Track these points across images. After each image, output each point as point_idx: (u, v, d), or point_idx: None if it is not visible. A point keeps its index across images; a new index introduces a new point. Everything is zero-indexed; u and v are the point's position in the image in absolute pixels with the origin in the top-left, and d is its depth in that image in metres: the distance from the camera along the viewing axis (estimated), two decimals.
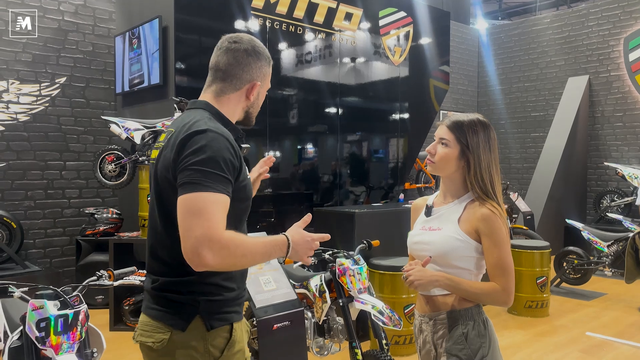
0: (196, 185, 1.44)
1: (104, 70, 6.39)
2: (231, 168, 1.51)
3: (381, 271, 4.40)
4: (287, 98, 6.30)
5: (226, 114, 1.69)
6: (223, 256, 1.42)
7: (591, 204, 9.49)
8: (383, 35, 7.11)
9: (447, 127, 1.91)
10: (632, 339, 4.76)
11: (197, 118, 1.58)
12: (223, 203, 1.46)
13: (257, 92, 1.74)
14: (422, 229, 1.96)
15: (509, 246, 1.83)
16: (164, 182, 1.57)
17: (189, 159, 1.47)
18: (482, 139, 1.87)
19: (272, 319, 3.33)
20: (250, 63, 1.69)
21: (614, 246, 6.07)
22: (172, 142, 1.55)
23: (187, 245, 1.41)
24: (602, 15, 9.52)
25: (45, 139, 5.99)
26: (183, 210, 1.44)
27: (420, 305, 1.98)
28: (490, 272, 1.83)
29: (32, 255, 5.90)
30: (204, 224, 1.40)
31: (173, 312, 1.57)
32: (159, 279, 1.60)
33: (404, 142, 7.62)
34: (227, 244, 1.42)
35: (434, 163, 1.91)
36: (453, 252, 1.83)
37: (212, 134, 1.50)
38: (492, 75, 11.19)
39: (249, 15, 5.65)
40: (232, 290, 1.64)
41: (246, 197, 1.64)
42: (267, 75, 1.77)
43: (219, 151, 1.48)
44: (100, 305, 5.42)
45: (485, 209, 1.82)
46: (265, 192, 6.13)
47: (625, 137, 9.28)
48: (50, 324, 2.22)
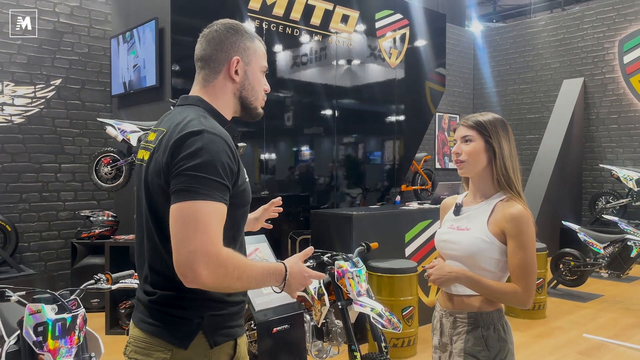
0: (191, 193, 1.30)
1: (100, 72, 6.36)
2: (229, 173, 1.38)
3: (379, 273, 4.39)
4: (284, 100, 6.29)
5: (219, 107, 1.55)
6: (219, 275, 1.30)
7: (587, 206, 9.52)
8: (379, 37, 7.12)
9: (466, 126, 1.93)
10: (629, 340, 4.77)
11: (191, 117, 1.43)
12: (221, 213, 1.34)
13: (242, 69, 1.56)
14: (451, 227, 1.98)
15: (535, 248, 1.83)
16: (155, 188, 1.42)
17: (184, 163, 1.33)
18: (501, 131, 1.91)
19: (271, 322, 3.32)
20: (223, 40, 1.54)
21: (610, 248, 6.09)
22: (165, 144, 1.40)
23: (180, 259, 1.29)
24: (596, 17, 9.57)
25: (40, 141, 5.95)
26: (177, 220, 1.30)
27: (443, 301, 2.00)
28: (512, 273, 1.84)
29: (27, 258, 5.86)
30: (200, 237, 1.28)
31: (174, 328, 1.43)
32: (157, 292, 1.46)
33: (400, 144, 7.62)
34: (224, 263, 1.31)
35: (464, 162, 1.91)
36: (480, 254, 1.85)
37: (208, 135, 1.36)
38: (488, 78, 11.22)
39: (245, 16, 5.64)
40: (236, 304, 1.53)
41: (245, 202, 1.52)
42: (252, 50, 1.58)
43: (216, 154, 1.35)
44: (95, 308, 5.38)
45: (514, 209, 1.82)
46: (262, 194, 6.10)
47: (620, 139, 9.32)
48: (48, 328, 2.20)
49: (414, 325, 4.38)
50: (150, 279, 1.48)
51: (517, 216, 1.80)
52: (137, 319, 1.51)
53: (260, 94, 1.62)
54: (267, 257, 3.75)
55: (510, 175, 1.89)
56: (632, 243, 5.90)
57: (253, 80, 1.59)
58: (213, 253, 1.29)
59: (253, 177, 6.13)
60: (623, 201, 8.69)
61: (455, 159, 1.93)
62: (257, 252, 3.68)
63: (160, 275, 1.45)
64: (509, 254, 1.82)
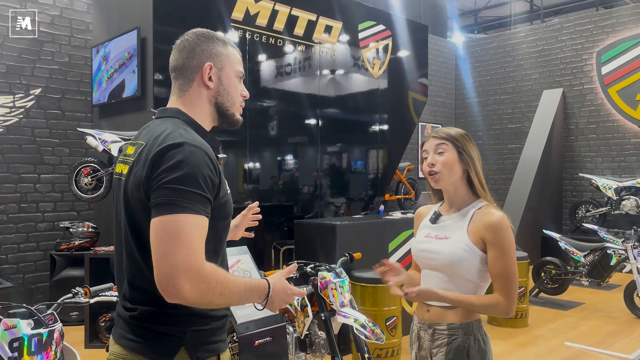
0: (172, 206, 1.29)
1: (81, 82, 6.29)
2: (210, 185, 1.36)
3: (363, 284, 4.38)
4: (267, 109, 6.28)
5: (197, 116, 1.54)
6: (201, 291, 1.28)
7: (567, 214, 9.65)
8: (362, 48, 7.17)
9: (439, 137, 1.94)
10: (610, 348, 4.82)
11: (170, 129, 1.41)
12: (202, 227, 1.33)
13: (215, 75, 1.54)
14: (428, 236, 1.97)
15: (515, 255, 1.84)
16: (135, 202, 1.39)
17: (164, 177, 1.31)
18: (469, 142, 1.94)
19: (253, 335, 3.28)
20: (194, 48, 1.54)
21: (590, 256, 6.17)
22: (144, 158, 1.38)
23: (161, 274, 1.27)
24: (575, 29, 9.76)
25: (19, 152, 5.85)
26: (158, 233, 1.28)
27: (421, 313, 1.98)
28: (494, 281, 1.84)
29: (5, 270, 5.73)
30: (182, 251, 1.26)
31: (156, 344, 1.40)
32: (138, 307, 1.42)
33: (383, 154, 7.66)
34: (207, 278, 1.29)
35: (438, 173, 1.90)
36: (461, 263, 1.84)
37: (189, 147, 1.35)
38: (470, 88, 11.36)
39: (228, 27, 5.63)
40: (219, 318, 1.51)
41: (226, 214, 1.50)
42: (224, 55, 1.57)
43: (197, 167, 1.33)
44: (75, 322, 5.28)
45: (494, 217, 1.84)
46: (245, 204, 6.07)
47: (599, 149, 9.48)
48: (24, 344, 2.15)
49: (397, 335, 4.38)
50: (130, 294, 1.45)
51: (497, 224, 1.81)
52: (117, 335, 1.47)
53: (236, 100, 1.60)
54: (249, 269, 3.72)
55: (484, 184, 1.92)
56: (612, 251, 5.98)
57: (228, 85, 1.57)
58: (195, 268, 1.27)
59: (236, 187, 6.10)
60: (602, 210, 8.82)
61: (429, 170, 1.92)
62: (239, 263, 3.65)
63: (141, 291, 1.42)
64: (490, 262, 1.82)
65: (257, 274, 3.72)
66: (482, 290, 1.90)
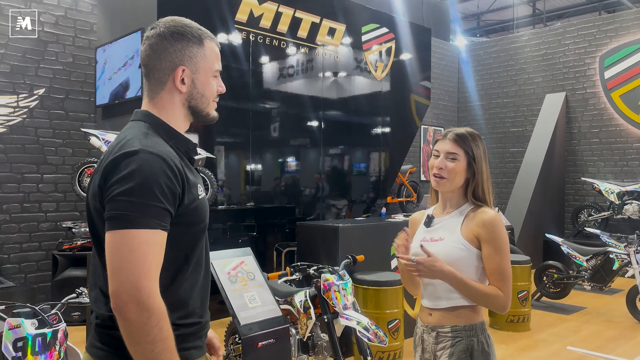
0: (124, 222, 1.22)
1: (84, 82, 6.30)
2: (169, 195, 1.28)
3: (365, 286, 4.37)
4: (270, 111, 6.29)
5: (169, 120, 1.44)
6: (142, 319, 1.21)
7: (569, 219, 9.63)
8: (365, 50, 7.18)
9: (453, 141, 1.93)
10: (612, 352, 4.81)
11: (130, 135, 1.35)
12: (158, 242, 1.25)
13: (188, 78, 1.43)
14: (423, 240, 1.97)
15: (509, 251, 1.87)
16: (93, 211, 1.34)
17: (116, 188, 1.24)
18: (481, 149, 1.94)
19: (256, 337, 3.28)
20: (167, 47, 1.41)
21: (592, 260, 6.15)
22: (100, 166, 1.33)
23: (112, 288, 1.22)
24: (578, 33, 9.76)
25: (22, 151, 5.86)
26: (109, 249, 1.23)
27: (424, 316, 1.99)
28: (489, 278, 1.86)
29: (7, 270, 5.74)
30: (133, 269, 1.21)
31: (120, 351, 1.30)
32: (104, 314, 1.35)
33: (385, 156, 7.66)
34: (151, 307, 1.22)
35: (445, 179, 1.91)
36: (458, 262, 1.85)
37: (144, 155, 1.27)
38: (472, 91, 11.36)
39: (232, 28, 5.65)
40: (190, 325, 1.42)
41: (198, 220, 1.41)
42: (200, 55, 1.45)
43: (152, 176, 1.25)
44: (76, 322, 5.28)
45: (487, 215, 1.86)
46: (248, 205, 6.08)
47: (601, 153, 9.47)
48: (28, 344, 2.15)
49: (399, 338, 4.37)
50: (97, 300, 1.39)
51: (491, 221, 1.84)
52: (88, 343, 1.42)
53: (210, 99, 1.51)
54: (253, 270, 3.72)
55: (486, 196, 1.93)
56: (614, 256, 5.97)
57: (202, 88, 1.47)
58: (144, 291, 1.21)
59: (238, 189, 6.10)
60: (605, 214, 8.80)
61: (436, 173, 1.92)
62: (243, 265, 3.65)
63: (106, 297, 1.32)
64: (485, 259, 1.85)
65: (260, 275, 3.72)
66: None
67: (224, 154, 5.92)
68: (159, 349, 1.23)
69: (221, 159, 5.85)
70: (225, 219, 5.82)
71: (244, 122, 5.88)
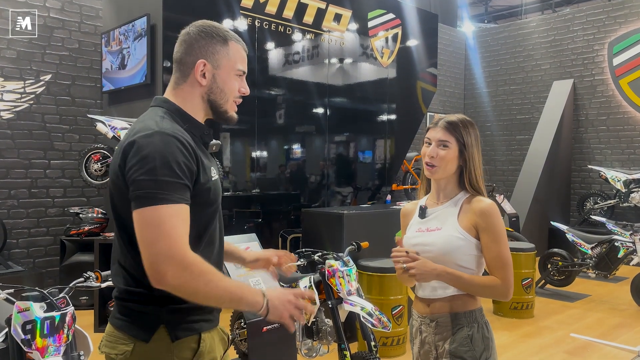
0: (150, 199, 1.33)
1: (91, 68, 6.31)
2: (187, 171, 1.39)
3: (369, 272, 4.40)
4: (275, 98, 6.29)
5: (188, 109, 1.55)
6: (184, 279, 1.32)
7: (575, 206, 9.60)
8: (371, 36, 7.13)
9: (444, 129, 1.91)
10: (615, 340, 4.83)
11: (147, 120, 1.47)
12: (182, 214, 1.36)
13: (209, 73, 1.54)
14: (419, 230, 1.96)
15: (507, 239, 1.87)
16: (113, 189, 1.47)
17: (138, 168, 1.35)
18: (473, 137, 1.93)
19: (261, 322, 3.32)
20: (193, 44, 1.54)
21: (598, 248, 6.15)
22: (119, 148, 1.45)
23: (147, 262, 1.33)
24: (587, 20, 9.65)
25: (29, 137, 5.90)
26: (140, 225, 1.34)
27: (421, 308, 1.98)
28: (489, 266, 1.86)
29: (15, 255, 5.81)
30: (164, 240, 1.31)
31: (136, 322, 1.47)
32: (122, 287, 1.50)
33: (391, 143, 7.65)
34: (189, 266, 1.33)
35: (436, 167, 1.90)
36: (456, 252, 1.85)
37: (159, 136, 1.38)
38: (479, 78, 11.28)
39: (237, 14, 5.63)
40: None
41: (211, 201, 1.51)
42: (223, 53, 1.56)
43: (170, 155, 1.36)
44: (84, 306, 5.35)
45: (484, 204, 1.86)
46: (253, 192, 6.10)
47: (608, 141, 9.41)
48: (37, 327, 2.19)
49: (403, 324, 4.40)
50: (117, 274, 1.53)
51: (488, 210, 1.84)
52: (111, 315, 1.56)
53: (231, 97, 1.59)
54: None
55: (478, 183, 1.92)
56: (619, 244, 5.96)
57: (222, 84, 1.57)
58: (178, 255, 1.32)
59: (244, 175, 6.12)
60: (611, 202, 8.77)
61: (428, 161, 1.91)
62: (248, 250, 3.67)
63: (125, 271, 1.49)
64: (484, 248, 1.85)
65: None
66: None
67: (229, 141, 5.93)
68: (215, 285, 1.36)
69: (227, 145, 5.86)
70: (231, 205, 5.85)
71: (249, 109, 5.88)
